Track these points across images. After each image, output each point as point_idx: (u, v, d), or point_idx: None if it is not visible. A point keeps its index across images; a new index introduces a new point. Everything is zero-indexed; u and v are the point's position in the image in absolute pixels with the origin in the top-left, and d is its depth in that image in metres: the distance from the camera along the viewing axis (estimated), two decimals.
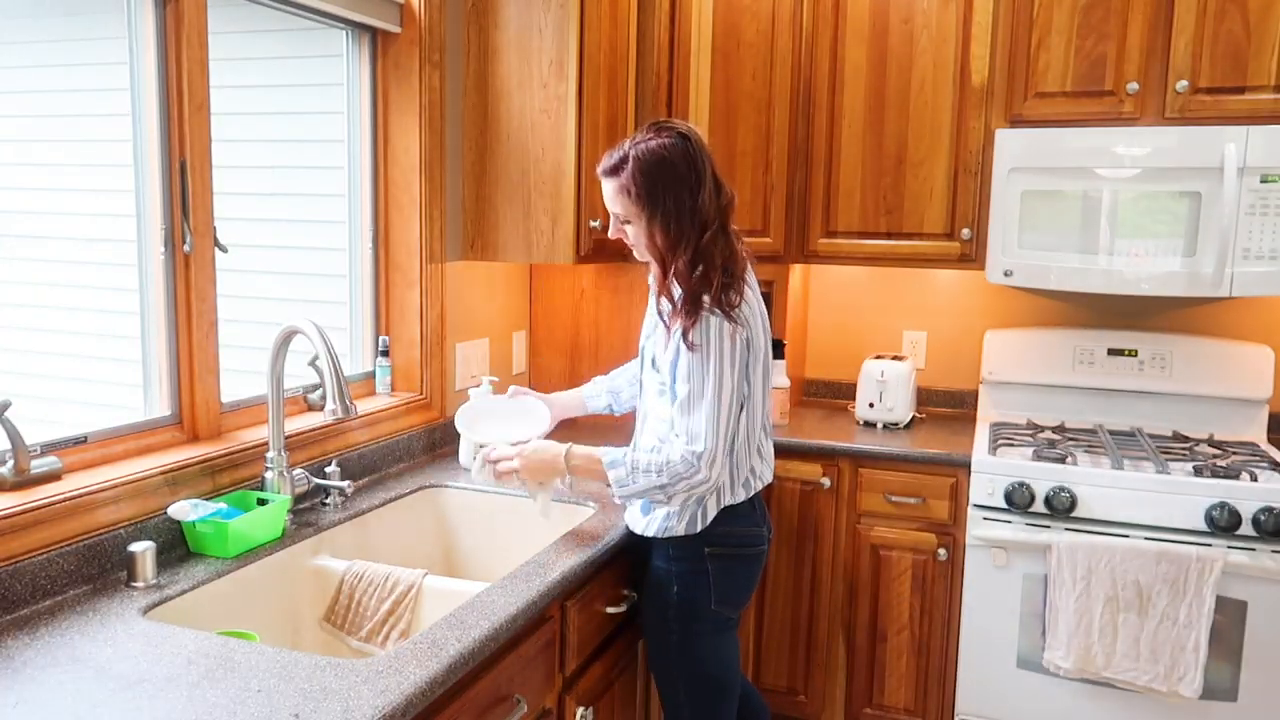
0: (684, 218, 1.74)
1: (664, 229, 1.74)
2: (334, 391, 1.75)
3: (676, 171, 1.73)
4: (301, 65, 2.62)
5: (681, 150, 1.74)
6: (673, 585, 1.86)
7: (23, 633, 1.39)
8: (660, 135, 1.75)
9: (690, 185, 1.74)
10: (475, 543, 2.22)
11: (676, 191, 1.73)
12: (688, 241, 1.74)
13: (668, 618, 1.89)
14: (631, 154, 1.75)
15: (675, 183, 1.73)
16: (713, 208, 1.76)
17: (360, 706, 1.19)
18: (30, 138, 2.56)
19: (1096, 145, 2.57)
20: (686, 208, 1.73)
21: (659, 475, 1.74)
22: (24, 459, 1.55)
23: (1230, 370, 2.79)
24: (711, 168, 1.78)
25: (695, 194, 1.74)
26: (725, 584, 1.87)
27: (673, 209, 1.73)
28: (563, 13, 2.38)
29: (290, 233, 2.71)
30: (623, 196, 1.77)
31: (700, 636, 1.88)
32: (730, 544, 1.86)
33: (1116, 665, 2.34)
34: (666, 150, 1.73)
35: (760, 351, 1.84)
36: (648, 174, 1.73)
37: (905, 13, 2.79)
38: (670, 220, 1.74)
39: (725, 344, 1.72)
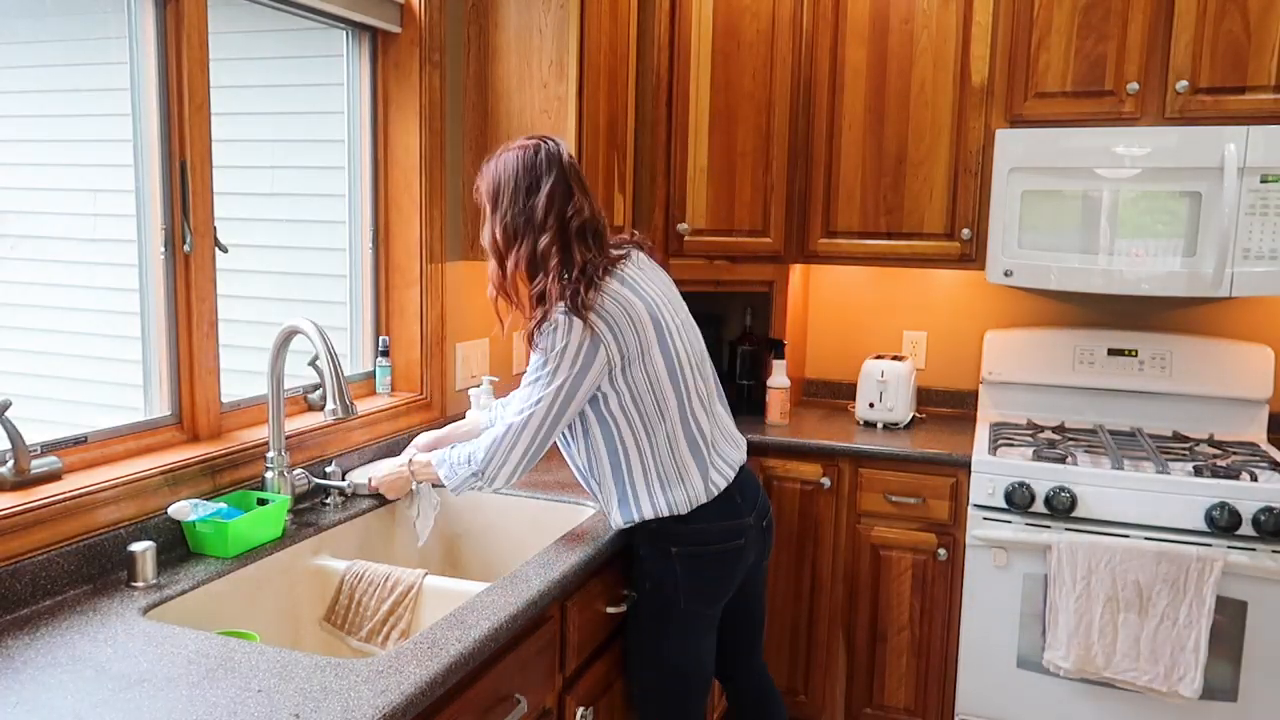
0: (517, 220, 1.81)
1: (500, 229, 1.83)
2: (334, 391, 1.75)
3: (515, 177, 1.82)
4: (301, 65, 2.62)
5: (528, 158, 1.83)
6: (645, 581, 1.90)
7: (23, 633, 1.39)
8: (521, 144, 1.86)
9: (524, 189, 1.81)
10: (475, 543, 2.22)
11: (512, 194, 1.82)
12: (523, 244, 1.80)
13: (641, 612, 1.92)
14: (492, 160, 1.87)
15: (512, 186, 1.82)
16: (550, 214, 1.80)
17: (360, 706, 1.19)
18: (30, 138, 2.56)
19: (1096, 145, 2.57)
20: (520, 210, 1.81)
21: (468, 463, 1.80)
22: (24, 459, 1.55)
23: (1230, 370, 2.79)
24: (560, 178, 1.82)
25: (528, 198, 1.81)
26: (695, 581, 1.87)
27: (507, 211, 1.82)
28: (563, 13, 2.38)
29: (290, 233, 2.71)
30: (478, 197, 1.89)
31: (670, 631, 1.90)
32: (699, 541, 1.86)
33: (1116, 665, 2.34)
34: (515, 156, 1.84)
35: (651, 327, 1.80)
36: (494, 177, 1.84)
37: (905, 13, 2.79)
38: (504, 221, 1.82)
39: (571, 342, 1.73)
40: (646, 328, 1.79)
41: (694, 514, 1.83)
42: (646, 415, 1.80)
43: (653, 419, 1.81)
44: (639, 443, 1.81)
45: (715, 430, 1.91)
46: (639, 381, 1.79)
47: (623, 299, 1.79)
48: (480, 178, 1.88)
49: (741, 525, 1.90)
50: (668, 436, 1.82)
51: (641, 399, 1.79)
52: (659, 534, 1.85)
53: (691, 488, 1.83)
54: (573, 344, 1.73)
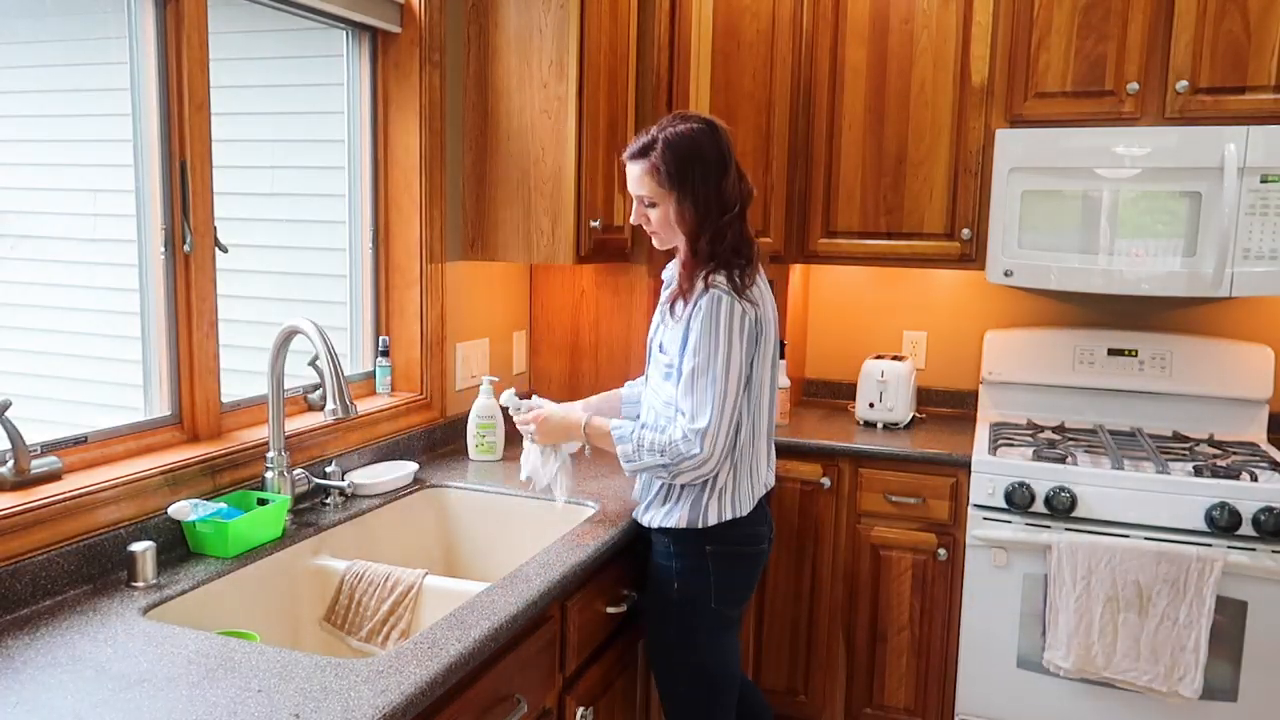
0: (710, 200, 1.80)
1: (693, 208, 1.80)
2: (334, 391, 1.75)
3: (704, 155, 1.80)
4: (301, 65, 2.62)
5: (709, 135, 1.81)
6: (673, 582, 1.88)
7: (23, 632, 1.39)
8: (688, 122, 1.82)
9: (717, 169, 1.81)
10: (475, 543, 2.22)
11: (704, 173, 1.79)
12: (713, 223, 1.80)
13: (669, 614, 1.90)
14: (661, 137, 1.81)
15: (703, 165, 1.80)
16: (736, 193, 1.83)
17: (360, 706, 1.19)
18: (30, 137, 2.56)
19: (1096, 145, 2.57)
20: (713, 190, 1.80)
21: (662, 455, 1.78)
22: (24, 459, 1.55)
23: (1230, 370, 2.79)
24: (735, 157, 1.85)
25: (721, 178, 1.81)
26: (726, 582, 1.88)
27: (700, 190, 1.79)
28: (563, 13, 2.38)
29: (290, 233, 2.71)
30: (651, 177, 1.82)
31: (700, 633, 1.89)
32: (732, 542, 1.88)
33: (1116, 665, 2.34)
34: (694, 134, 1.80)
35: (770, 343, 1.87)
36: (678, 155, 1.79)
37: (905, 13, 2.79)
38: (698, 201, 1.80)
39: (735, 322, 1.75)
40: (772, 325, 1.87)
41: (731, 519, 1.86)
42: (752, 411, 1.84)
43: (754, 415, 1.85)
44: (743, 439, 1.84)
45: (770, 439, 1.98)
46: (755, 375, 1.83)
47: (763, 289, 1.86)
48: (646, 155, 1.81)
49: (763, 533, 1.94)
50: (757, 438, 1.87)
51: (752, 393, 1.83)
52: (694, 536, 1.85)
53: (757, 485, 1.89)
54: (737, 320, 1.74)
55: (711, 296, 1.75)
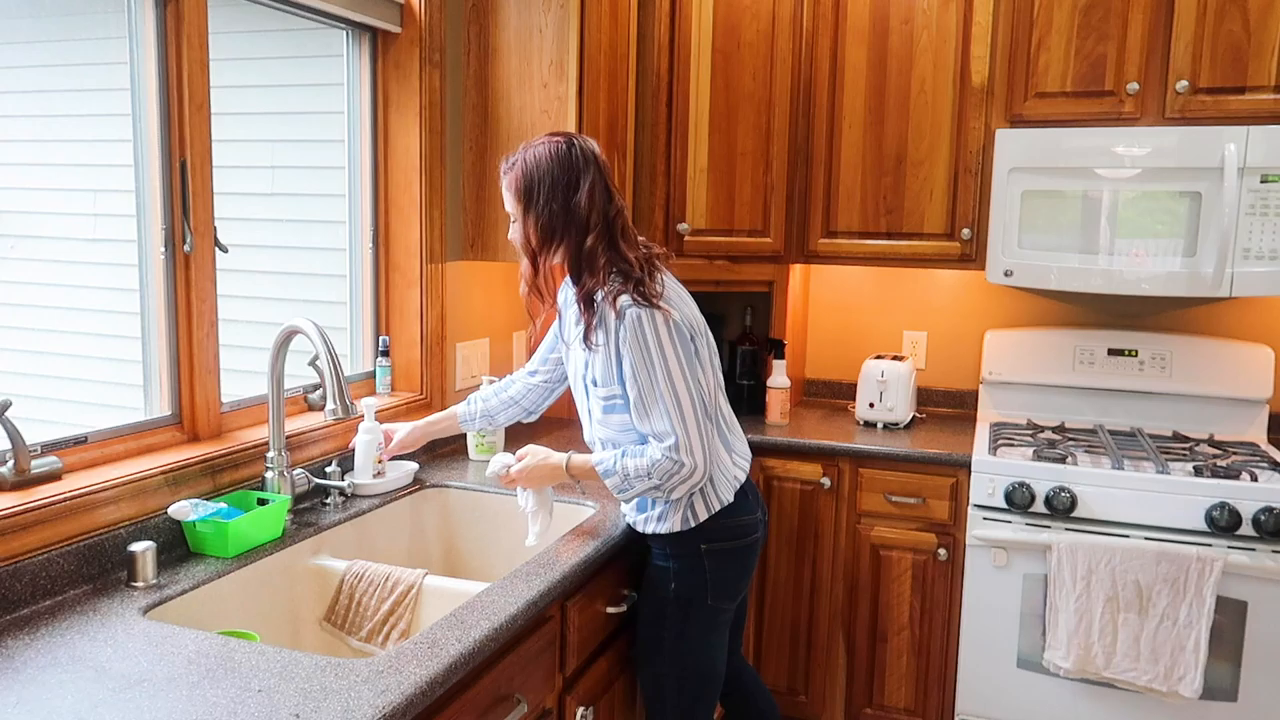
0: (554, 218, 1.79)
1: (536, 227, 1.80)
2: (334, 391, 1.75)
3: (552, 174, 1.79)
4: (301, 65, 2.62)
5: (564, 154, 1.80)
6: (670, 582, 1.89)
7: (23, 632, 1.39)
8: (549, 140, 1.82)
9: (563, 187, 1.79)
10: (475, 543, 2.22)
11: (550, 192, 1.78)
12: (562, 242, 1.79)
13: (664, 612, 1.91)
14: (520, 156, 1.82)
15: (550, 184, 1.79)
16: (592, 212, 1.79)
17: (360, 706, 1.19)
18: (30, 137, 2.56)
19: (1096, 145, 2.57)
20: (560, 208, 1.78)
21: (650, 477, 1.77)
22: (24, 459, 1.55)
23: (1230, 370, 2.79)
24: (598, 176, 1.81)
25: (569, 196, 1.79)
26: (722, 578, 1.89)
27: (544, 209, 1.79)
28: (563, 13, 2.38)
29: (290, 233, 2.71)
30: (508, 195, 1.84)
31: (695, 631, 1.90)
32: (726, 537, 1.88)
33: (1116, 665, 2.34)
34: (549, 154, 1.80)
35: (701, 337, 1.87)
36: (526, 174, 1.80)
37: (905, 13, 2.79)
38: (541, 220, 1.79)
39: (661, 331, 1.74)
40: (695, 318, 1.86)
41: (720, 510, 1.86)
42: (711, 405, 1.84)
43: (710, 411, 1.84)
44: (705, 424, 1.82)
45: (733, 423, 1.99)
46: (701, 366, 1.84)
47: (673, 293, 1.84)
48: (507, 173, 1.84)
49: (756, 521, 1.95)
50: (713, 428, 1.85)
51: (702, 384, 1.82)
52: (689, 535, 1.86)
53: (731, 471, 1.89)
54: (662, 329, 1.74)
55: (629, 317, 1.74)
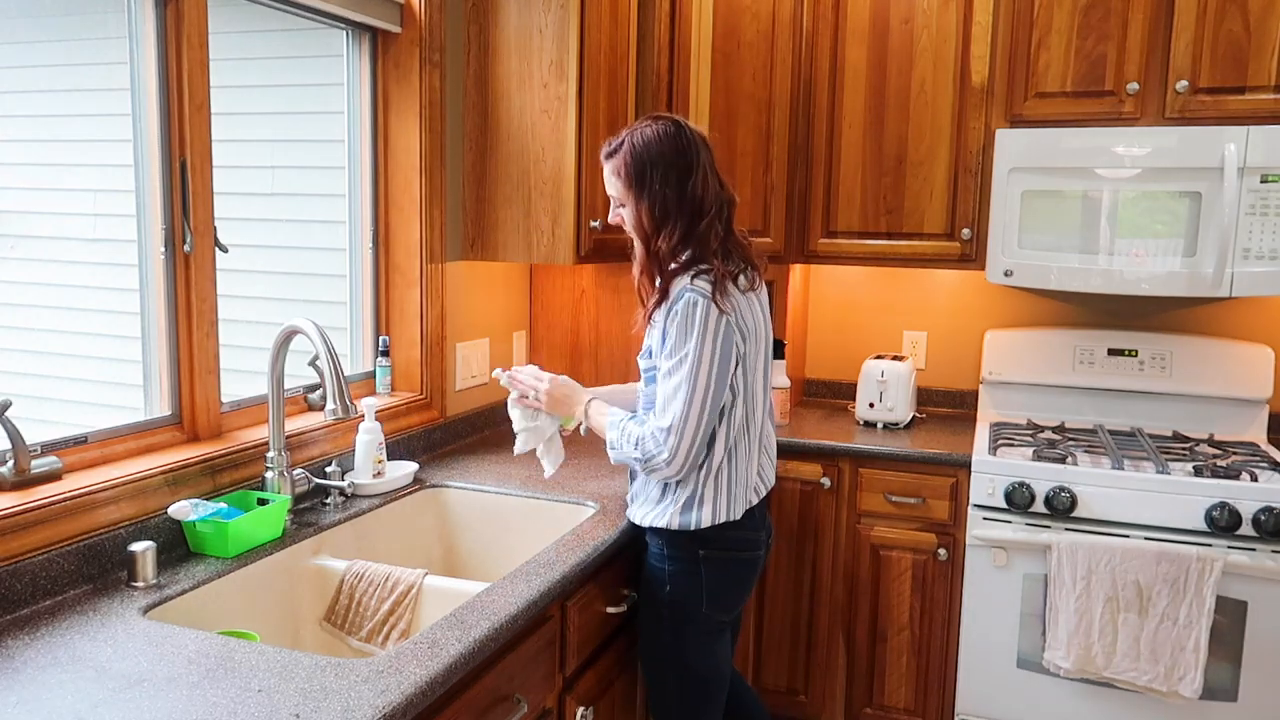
0: (670, 202, 1.77)
1: (650, 210, 1.79)
2: (334, 391, 1.75)
3: (666, 157, 1.78)
4: (301, 65, 2.62)
5: (673, 137, 1.79)
6: (665, 584, 1.88)
7: (23, 632, 1.39)
8: (656, 123, 1.81)
9: (679, 170, 1.78)
10: (475, 543, 2.22)
11: (665, 175, 1.77)
12: (675, 225, 1.78)
13: (660, 616, 1.90)
14: (628, 139, 1.81)
15: (665, 167, 1.78)
16: (707, 197, 1.80)
17: (360, 706, 1.19)
18: (30, 137, 2.56)
19: (1096, 145, 2.57)
20: (674, 192, 1.77)
21: (636, 448, 1.78)
22: (24, 459, 1.55)
23: (1230, 370, 2.79)
24: (708, 160, 1.82)
25: (684, 179, 1.78)
26: (718, 586, 1.87)
27: (659, 192, 1.77)
28: (563, 13, 2.38)
29: (290, 233, 2.71)
30: (616, 179, 1.83)
31: (691, 637, 1.89)
32: (725, 547, 1.87)
33: (1116, 665, 2.34)
34: (659, 136, 1.79)
35: (760, 352, 1.86)
36: (638, 157, 1.78)
37: (905, 13, 2.79)
38: (657, 202, 1.78)
39: (710, 324, 1.72)
40: (760, 326, 1.86)
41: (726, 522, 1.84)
42: (742, 419, 1.83)
43: (744, 424, 1.83)
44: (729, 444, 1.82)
45: (770, 444, 2.00)
46: (748, 377, 1.82)
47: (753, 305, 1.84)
48: (611, 155, 1.82)
49: (759, 539, 1.93)
50: (748, 444, 1.86)
51: (741, 401, 1.82)
52: (686, 539, 1.84)
53: (748, 490, 1.87)
54: (711, 321, 1.72)
55: (687, 300, 1.73)
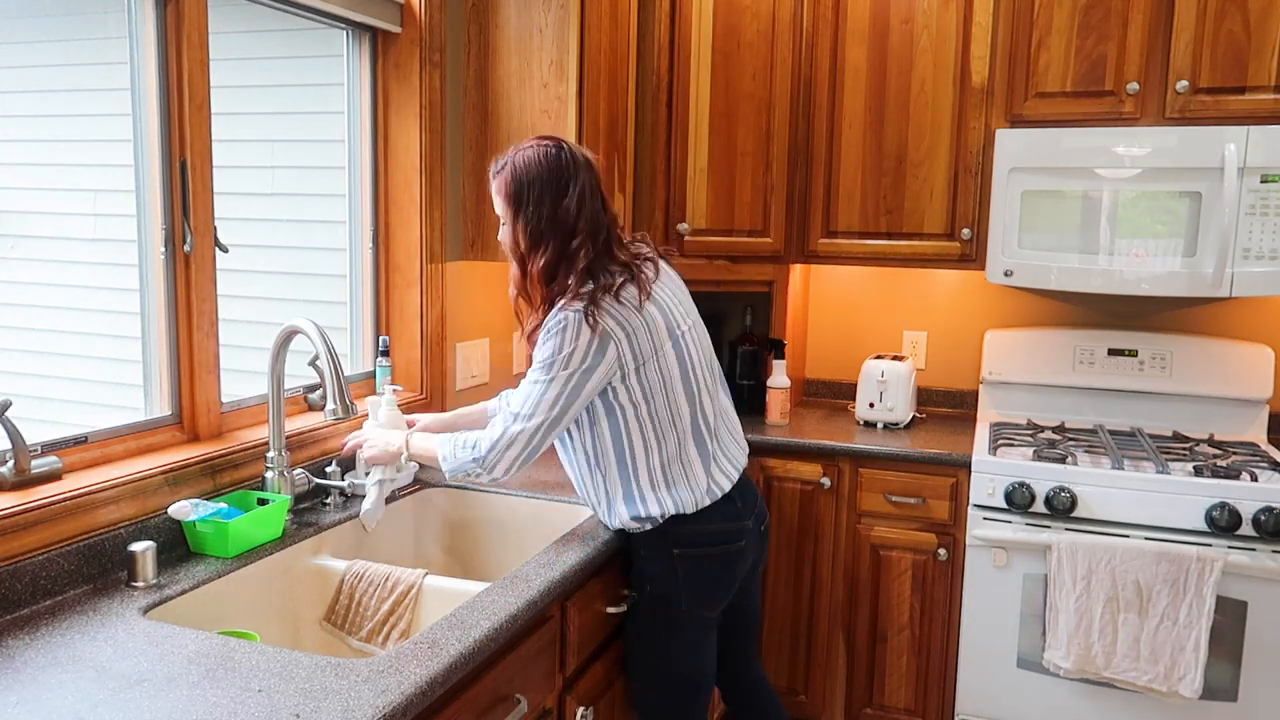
0: (543, 222, 1.78)
1: (525, 231, 1.79)
2: (334, 391, 1.75)
3: (542, 178, 1.78)
4: (302, 65, 2.62)
5: (552, 159, 1.79)
6: (645, 584, 1.88)
7: (23, 632, 1.39)
8: (539, 144, 1.82)
9: (555, 191, 1.78)
10: (475, 543, 2.22)
11: (540, 195, 1.78)
12: (547, 246, 1.78)
13: (640, 615, 1.91)
14: (510, 159, 1.82)
15: (540, 188, 1.78)
16: (581, 218, 1.79)
17: (361, 706, 1.19)
18: (30, 137, 2.56)
19: (1096, 145, 2.57)
20: (548, 212, 1.78)
21: (474, 449, 1.79)
22: (24, 459, 1.55)
23: (1230, 370, 2.79)
24: (588, 181, 1.81)
25: (558, 200, 1.78)
26: (696, 583, 1.87)
27: (533, 213, 1.78)
28: (563, 13, 2.38)
29: (290, 233, 2.71)
30: (498, 198, 1.84)
31: (672, 636, 1.89)
32: (700, 543, 1.86)
33: (1116, 665, 2.34)
34: (538, 157, 1.79)
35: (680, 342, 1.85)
36: (516, 178, 1.80)
37: (905, 13, 2.79)
38: (530, 223, 1.78)
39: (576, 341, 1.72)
40: (659, 329, 1.81)
41: (697, 515, 1.84)
42: (658, 414, 1.80)
43: (664, 419, 1.81)
44: (648, 441, 1.81)
45: (723, 431, 1.95)
46: (653, 381, 1.80)
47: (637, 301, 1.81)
48: (496, 175, 1.84)
49: (742, 528, 1.91)
50: (678, 437, 1.83)
51: (654, 398, 1.80)
52: (660, 535, 1.84)
53: (697, 488, 1.84)
54: (581, 344, 1.72)
55: (558, 320, 1.73)
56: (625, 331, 1.76)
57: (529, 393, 1.77)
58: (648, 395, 1.79)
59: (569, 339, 1.72)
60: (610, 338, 1.74)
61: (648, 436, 1.81)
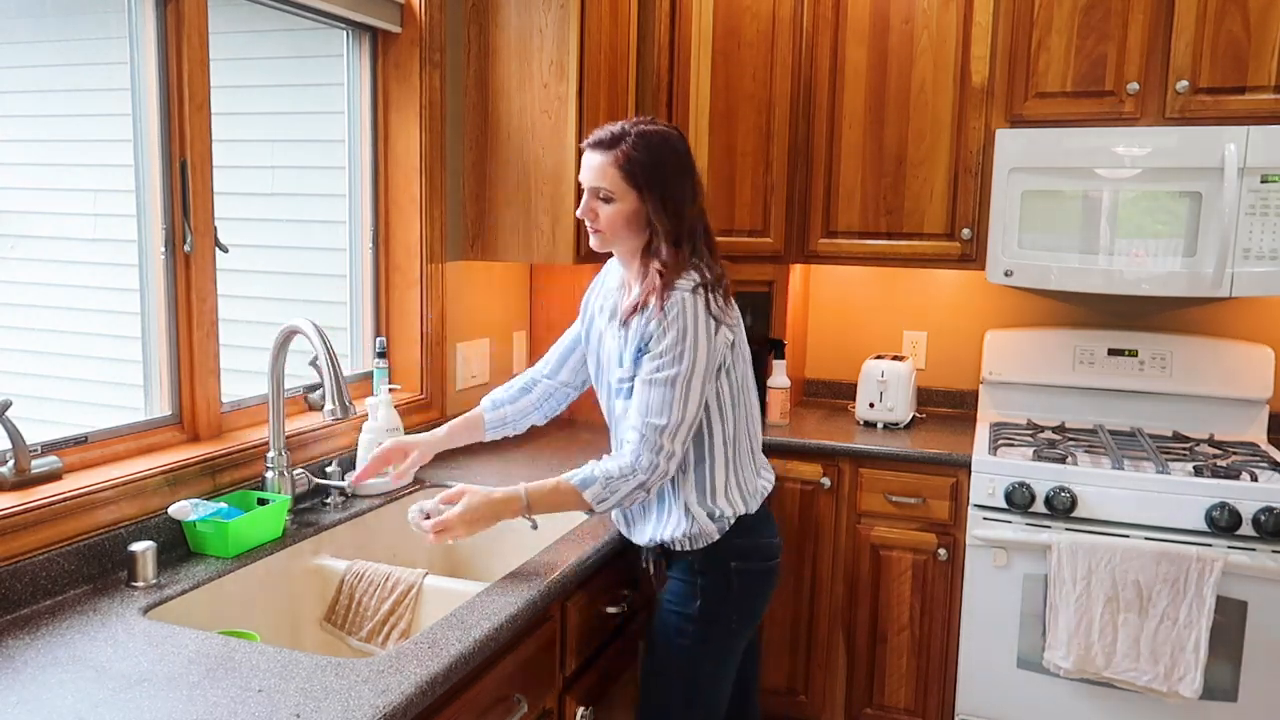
0: (672, 204, 1.72)
1: (656, 209, 1.72)
2: (333, 392, 1.75)
3: (678, 157, 1.75)
4: (302, 65, 2.63)
5: (681, 139, 1.78)
6: (695, 599, 1.79)
7: (23, 632, 1.39)
8: (659, 124, 1.77)
9: (687, 174, 1.76)
10: (475, 543, 2.22)
11: (676, 176, 1.74)
12: (673, 228, 1.72)
13: (685, 631, 1.80)
14: (634, 131, 1.72)
15: (676, 168, 1.74)
16: (699, 198, 1.78)
17: (361, 706, 1.19)
18: (30, 137, 2.56)
19: (1097, 145, 2.57)
20: (681, 195, 1.74)
21: (633, 476, 1.68)
22: (24, 459, 1.55)
23: (1230, 370, 2.79)
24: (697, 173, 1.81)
25: (691, 184, 1.76)
26: (748, 599, 1.83)
27: (667, 192, 1.72)
28: (563, 13, 2.38)
29: (290, 233, 2.72)
30: (615, 170, 1.72)
31: (712, 653, 1.82)
32: (757, 556, 1.83)
33: (1116, 665, 2.34)
34: (668, 136, 1.75)
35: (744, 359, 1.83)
36: (652, 151, 1.71)
37: (905, 13, 2.79)
38: (664, 202, 1.72)
39: (701, 326, 1.68)
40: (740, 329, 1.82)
41: (749, 527, 1.80)
42: (736, 405, 1.78)
43: (740, 417, 1.80)
44: (727, 437, 1.78)
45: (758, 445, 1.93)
46: (741, 376, 1.80)
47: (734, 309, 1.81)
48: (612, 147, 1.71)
49: (779, 544, 1.90)
50: (748, 429, 1.83)
51: (740, 393, 1.79)
52: (716, 549, 1.78)
53: (753, 492, 1.83)
54: (701, 320, 1.68)
55: (680, 298, 1.67)
56: (732, 320, 1.76)
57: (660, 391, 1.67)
58: (734, 390, 1.78)
59: (689, 314, 1.67)
60: (722, 323, 1.72)
61: (728, 432, 1.78)
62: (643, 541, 1.85)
